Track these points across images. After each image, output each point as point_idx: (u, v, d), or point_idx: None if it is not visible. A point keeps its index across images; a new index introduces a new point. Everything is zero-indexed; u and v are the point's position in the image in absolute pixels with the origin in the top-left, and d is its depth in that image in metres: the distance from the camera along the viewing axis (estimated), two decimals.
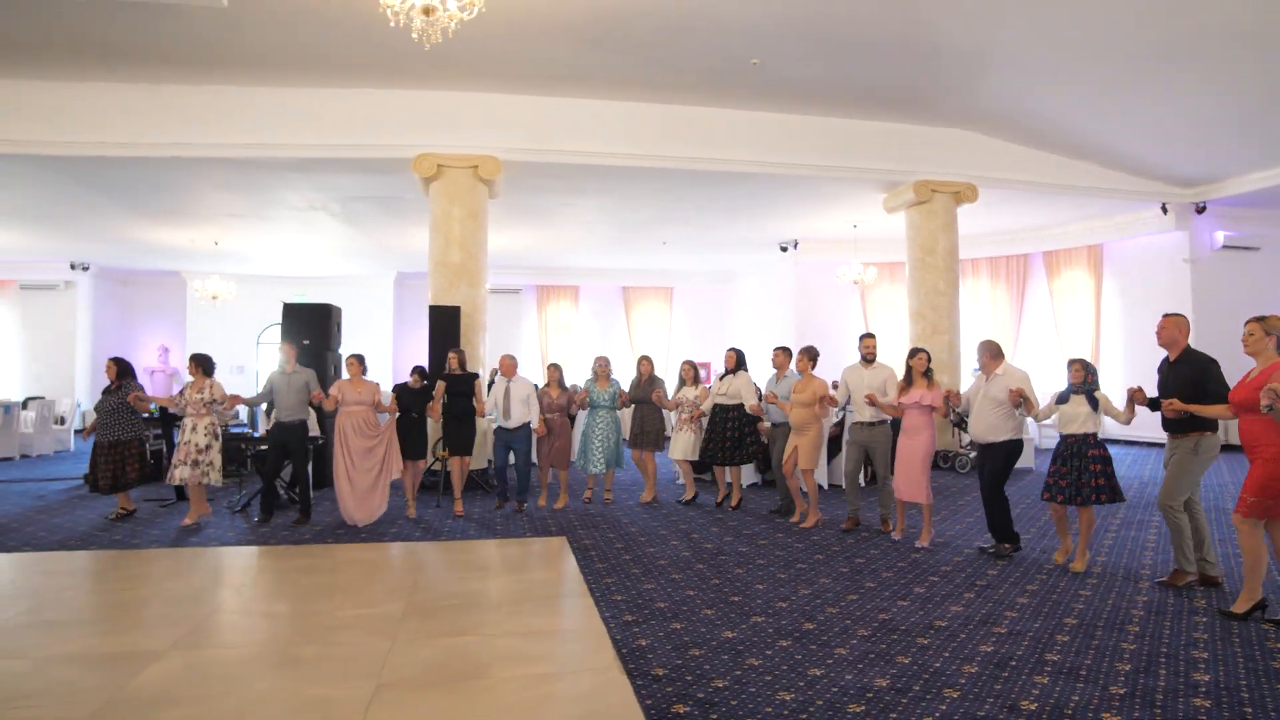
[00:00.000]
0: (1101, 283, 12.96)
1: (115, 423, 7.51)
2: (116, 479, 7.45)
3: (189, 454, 7.20)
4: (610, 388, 8.33)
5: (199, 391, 7.35)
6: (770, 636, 4.35)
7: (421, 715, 3.39)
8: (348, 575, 5.77)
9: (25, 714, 3.42)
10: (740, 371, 7.99)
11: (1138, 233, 12.46)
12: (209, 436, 7.31)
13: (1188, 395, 4.89)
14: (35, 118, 8.87)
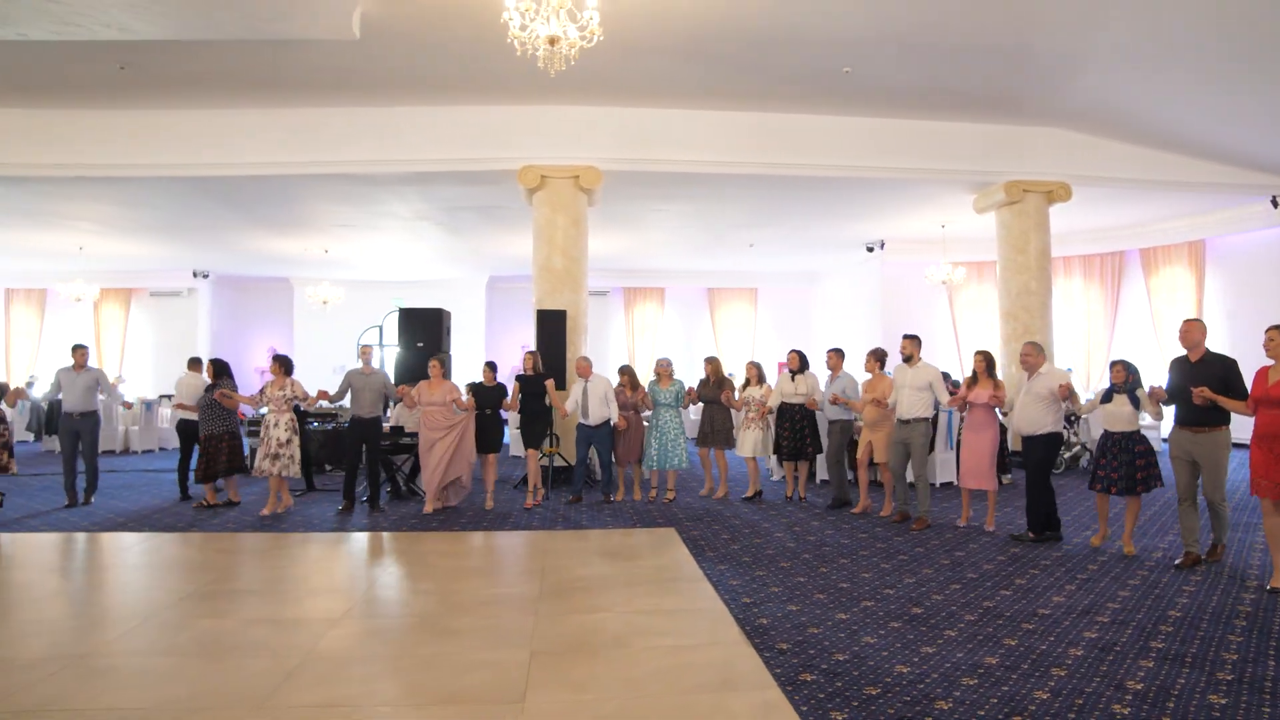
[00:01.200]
0: (1204, 280, 12.66)
1: (210, 418, 8.20)
2: (208, 469, 8.15)
3: (271, 448, 7.82)
4: (673, 387, 8.67)
5: (280, 389, 7.96)
6: (881, 618, 4.67)
7: (575, 677, 3.83)
8: (480, 559, 6.32)
9: (248, 664, 4.02)
10: (805, 371, 8.41)
11: (1245, 228, 12.14)
12: (289, 431, 7.88)
13: (1214, 390, 5.36)
14: (180, 143, 9.80)
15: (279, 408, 7.94)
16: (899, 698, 3.56)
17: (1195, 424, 5.57)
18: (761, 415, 8.55)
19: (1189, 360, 5.68)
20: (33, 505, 8.54)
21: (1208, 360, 5.59)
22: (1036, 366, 6.60)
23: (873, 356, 7.93)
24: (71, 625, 4.70)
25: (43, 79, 8.95)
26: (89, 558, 6.52)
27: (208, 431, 8.19)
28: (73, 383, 8.39)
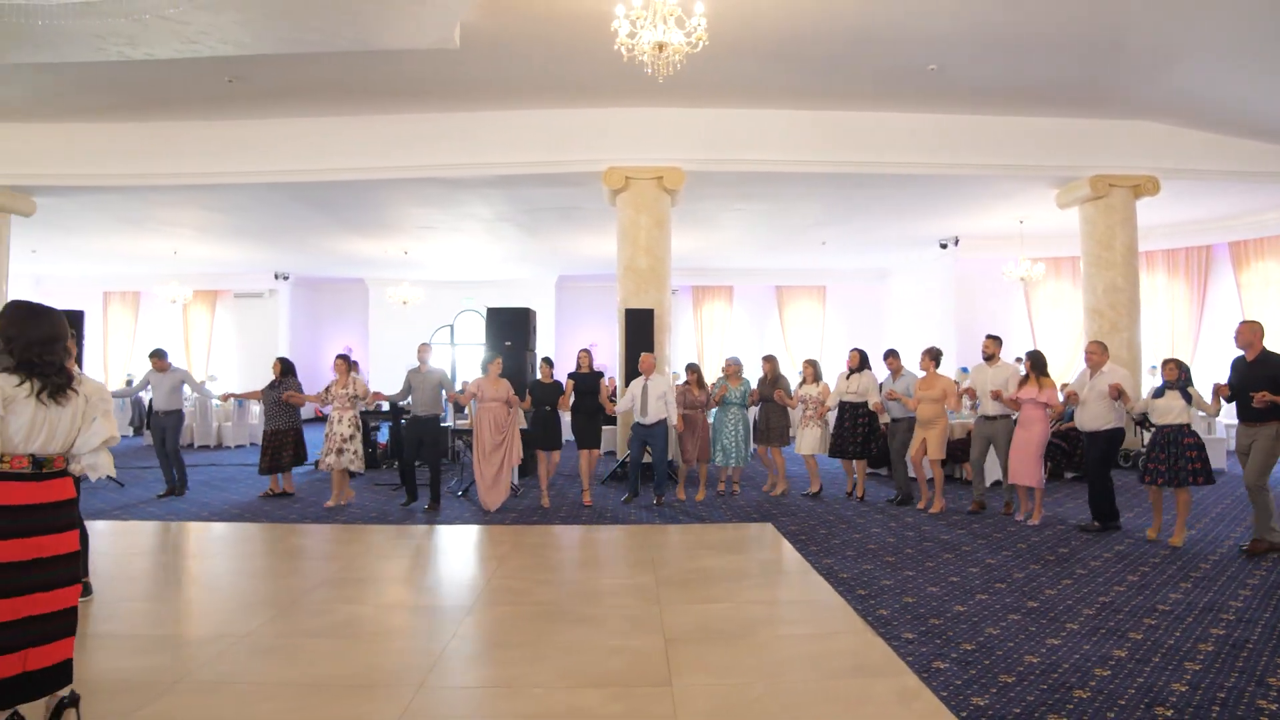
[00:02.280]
0: None
1: (276, 414, 8.66)
2: (274, 462, 8.61)
3: (336, 443, 8.17)
4: (741, 386, 8.79)
5: (344, 388, 8.33)
6: (998, 611, 4.74)
7: (714, 663, 4.00)
8: (588, 552, 6.54)
9: (398, 646, 4.29)
10: (864, 370, 8.53)
11: None
12: (353, 427, 8.28)
13: (1271, 390, 5.68)
14: (278, 151, 10.22)
15: (343, 405, 8.30)
16: (1035, 686, 3.65)
17: (1251, 418, 5.94)
18: (820, 415, 8.61)
19: (1245, 360, 6.05)
20: (133, 495, 9.08)
21: (1263, 359, 5.94)
22: (1100, 365, 6.89)
23: (927, 355, 8.06)
24: (224, 608, 5.02)
25: (155, 94, 9.42)
26: (218, 545, 6.90)
27: (273, 427, 8.65)
28: (159, 383, 9.00)
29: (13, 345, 3.00)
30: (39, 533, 2.97)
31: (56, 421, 3.03)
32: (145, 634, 4.41)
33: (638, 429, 8.40)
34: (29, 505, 2.96)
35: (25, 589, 2.89)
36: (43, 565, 2.95)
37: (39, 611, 2.92)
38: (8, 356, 3.00)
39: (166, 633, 4.50)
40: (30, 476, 2.98)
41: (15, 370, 2.99)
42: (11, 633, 2.85)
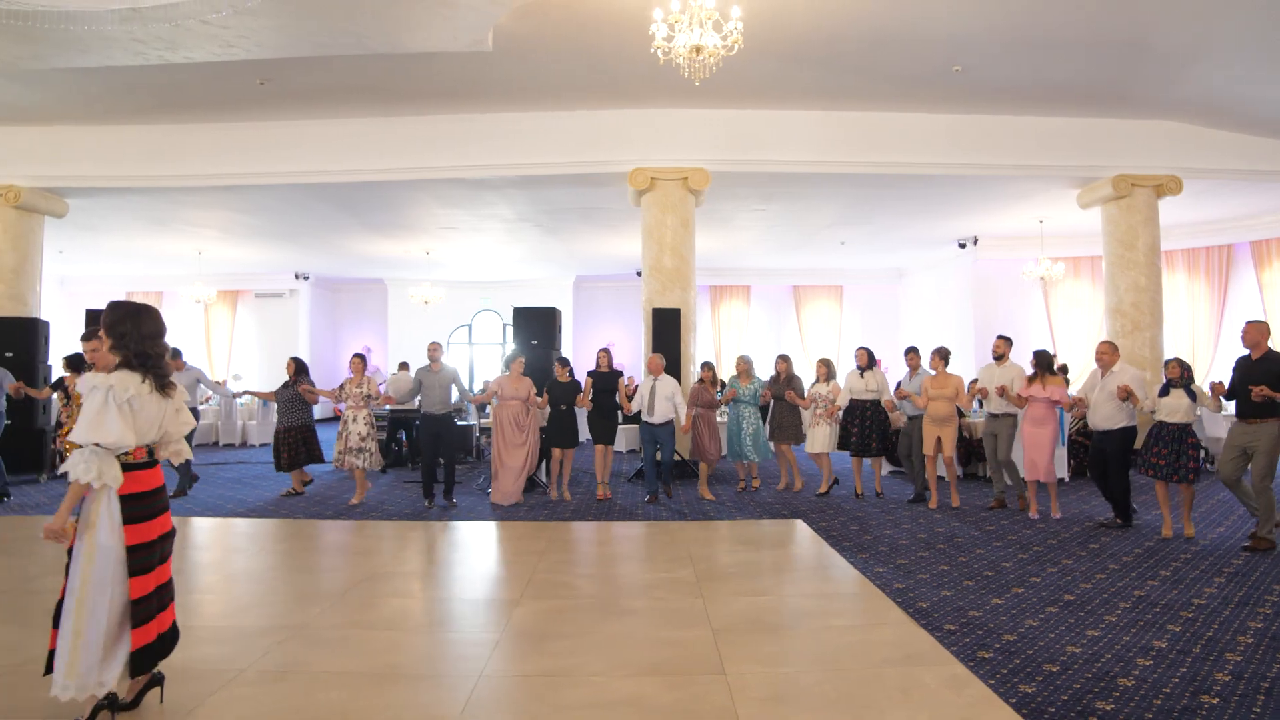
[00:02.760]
0: None
1: (290, 411, 8.79)
2: (292, 459, 8.76)
3: (354, 442, 8.32)
4: (752, 384, 8.90)
5: (358, 386, 8.46)
6: (1035, 604, 4.82)
7: (764, 653, 4.09)
8: (625, 547, 6.64)
9: (452, 637, 4.40)
10: (874, 368, 8.69)
11: None
12: (368, 426, 8.42)
13: (1272, 387, 5.89)
14: (307, 152, 10.39)
15: (357, 404, 8.43)
16: (1079, 674, 3.74)
17: (1251, 415, 6.11)
18: (830, 413, 8.71)
19: (1250, 358, 6.24)
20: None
21: (1267, 357, 6.14)
22: (1110, 365, 7.03)
23: (937, 355, 8.24)
24: (273, 600, 5.13)
25: (187, 96, 9.58)
26: (254, 541, 7.02)
27: (285, 424, 8.80)
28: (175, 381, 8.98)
29: (127, 341, 3.19)
30: (160, 513, 3.30)
31: (162, 413, 3.28)
32: (203, 625, 4.52)
33: (645, 428, 8.55)
34: (154, 490, 3.28)
35: (158, 562, 3.26)
36: (163, 540, 3.31)
37: (163, 580, 3.30)
38: (117, 353, 3.18)
39: (223, 624, 4.61)
40: (148, 465, 3.26)
41: (130, 368, 3.17)
42: (152, 601, 3.22)
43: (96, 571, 3.08)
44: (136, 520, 3.15)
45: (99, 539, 3.09)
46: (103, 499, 3.11)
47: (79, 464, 3.06)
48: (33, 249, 11.32)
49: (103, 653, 3.07)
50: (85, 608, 3.06)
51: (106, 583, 3.08)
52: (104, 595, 3.07)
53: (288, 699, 3.52)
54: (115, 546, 3.10)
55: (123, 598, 3.13)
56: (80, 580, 3.07)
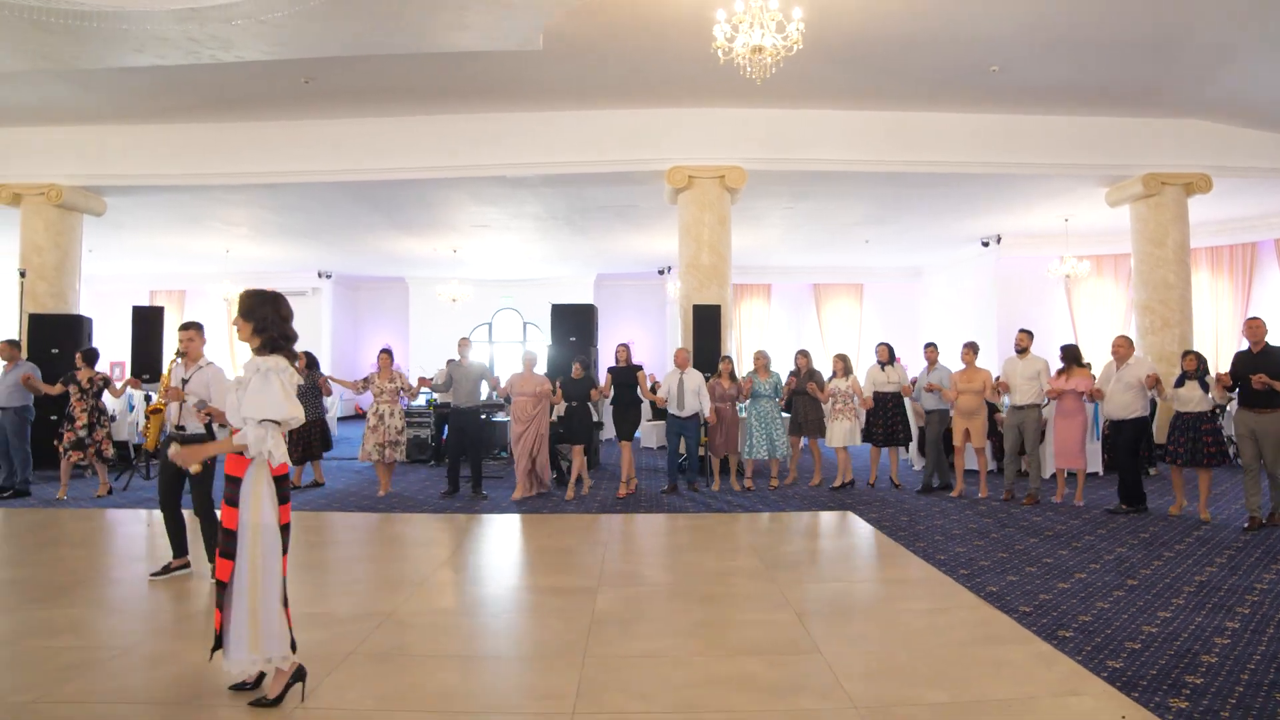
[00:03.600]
0: None
1: (305, 405, 8.90)
2: (305, 452, 8.93)
3: (391, 435, 8.48)
4: (770, 379, 9.01)
5: (390, 381, 8.56)
6: (1101, 588, 4.96)
7: (851, 634, 4.23)
8: (682, 538, 6.75)
9: (546, 622, 4.53)
10: (894, 362, 8.92)
11: None
12: (402, 420, 8.66)
13: (1272, 377, 6.35)
14: (346, 151, 10.49)
15: (392, 399, 8.56)
16: (1161, 652, 3.87)
17: (1256, 405, 6.56)
18: (864, 405, 8.88)
19: (1251, 352, 6.72)
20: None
21: (1266, 353, 6.63)
22: (1126, 357, 7.42)
23: (968, 349, 8.49)
24: (356, 589, 5.20)
25: (231, 95, 9.70)
26: (321, 533, 7.14)
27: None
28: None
29: (269, 325, 3.34)
30: (289, 499, 3.45)
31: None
32: (298, 611, 4.58)
33: (672, 421, 8.64)
34: (288, 474, 3.43)
35: (289, 547, 3.38)
36: (289, 528, 3.39)
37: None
38: (259, 337, 3.32)
39: (316, 610, 4.67)
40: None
41: (277, 350, 3.33)
42: (287, 580, 3.34)
43: (263, 550, 3.23)
44: (284, 501, 3.34)
45: (263, 519, 3.24)
46: (263, 480, 3.26)
47: (254, 437, 3.20)
48: (73, 247, 11.46)
49: (278, 624, 3.24)
50: (259, 585, 3.22)
51: (271, 560, 3.25)
52: (272, 572, 3.24)
53: (404, 678, 3.64)
54: (274, 525, 3.27)
55: (279, 575, 3.29)
56: (249, 560, 3.22)
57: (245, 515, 3.22)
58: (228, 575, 3.23)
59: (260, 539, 3.22)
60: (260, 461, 3.26)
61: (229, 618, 3.23)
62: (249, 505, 3.23)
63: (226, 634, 3.23)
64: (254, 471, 3.26)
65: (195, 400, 5.19)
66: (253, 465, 3.26)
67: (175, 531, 5.35)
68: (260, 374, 3.25)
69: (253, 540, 3.22)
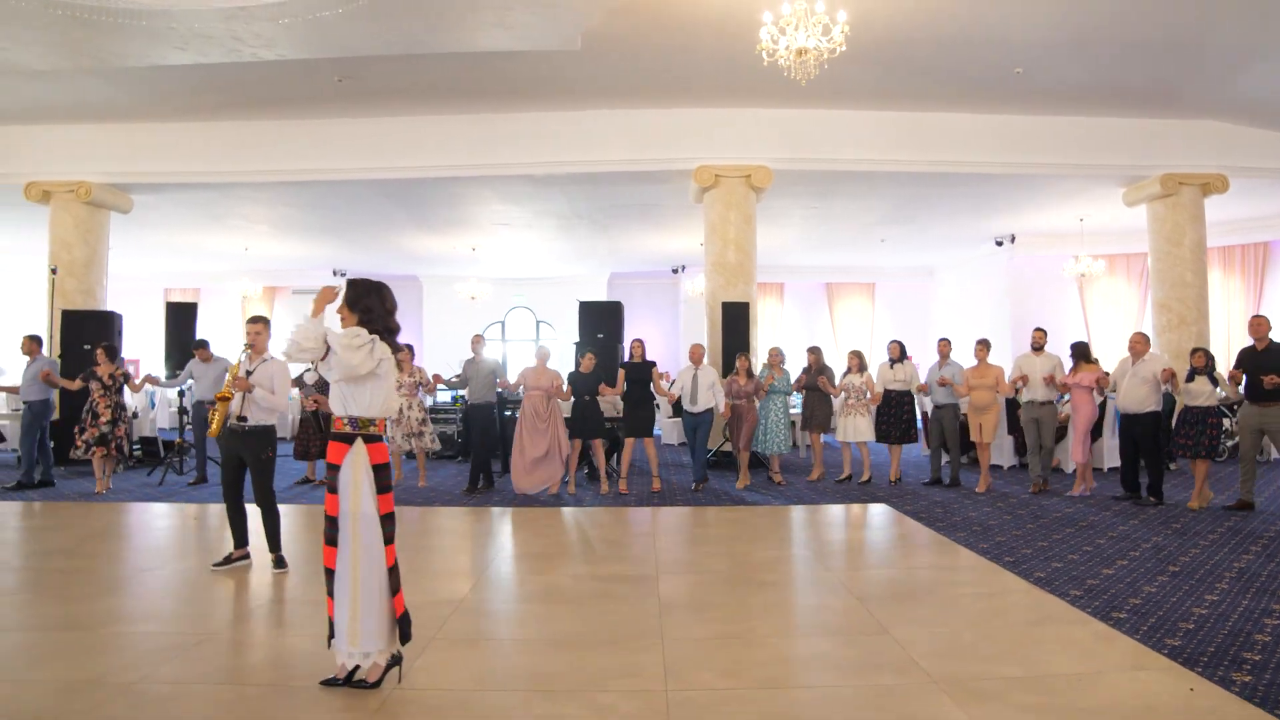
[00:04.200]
0: None
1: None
2: (309, 449, 9.05)
3: (413, 427, 8.69)
4: (785, 375, 9.14)
5: (410, 375, 8.71)
6: (1145, 574, 5.12)
7: (915, 616, 4.38)
8: (726, 529, 6.91)
9: (614, 608, 4.67)
10: (905, 360, 9.08)
11: None
12: (423, 412, 8.85)
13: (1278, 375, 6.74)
14: (377, 149, 10.62)
15: (410, 393, 8.72)
16: (1215, 631, 4.03)
17: (1262, 399, 6.89)
18: (874, 401, 9.00)
19: (1256, 349, 7.06)
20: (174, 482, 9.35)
21: (1270, 350, 6.96)
22: (1143, 354, 7.69)
23: (980, 345, 8.72)
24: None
25: (264, 93, 9.79)
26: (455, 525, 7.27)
27: (306, 414, 9.02)
28: (203, 373, 8.95)
29: (374, 316, 3.39)
30: (391, 488, 3.42)
31: (393, 387, 3.45)
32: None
33: (688, 417, 8.71)
34: (389, 464, 3.43)
35: (394, 536, 3.36)
36: (393, 517, 3.38)
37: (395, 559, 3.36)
38: (364, 328, 3.36)
39: None
40: (383, 439, 3.42)
41: (381, 339, 3.36)
42: (399, 571, 3.35)
43: (364, 539, 3.26)
44: (384, 490, 3.33)
45: (362, 507, 3.27)
46: (361, 467, 3.29)
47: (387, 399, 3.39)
48: (100, 244, 11.57)
49: (377, 618, 3.25)
50: (359, 575, 3.25)
51: (372, 550, 3.26)
52: (374, 562, 3.26)
53: (493, 661, 3.76)
54: (374, 514, 3.28)
55: (383, 565, 3.29)
56: (350, 549, 3.26)
57: (345, 503, 3.26)
58: (332, 562, 3.30)
59: (360, 527, 3.25)
60: (359, 451, 3.30)
61: (337, 605, 3.30)
62: (348, 494, 3.27)
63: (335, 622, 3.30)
64: (351, 459, 3.29)
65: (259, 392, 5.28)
66: (350, 453, 3.30)
67: (237, 522, 5.43)
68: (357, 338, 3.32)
69: (353, 529, 3.25)
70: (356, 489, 3.27)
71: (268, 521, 5.34)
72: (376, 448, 3.34)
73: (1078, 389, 8.06)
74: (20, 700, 3.23)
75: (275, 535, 5.36)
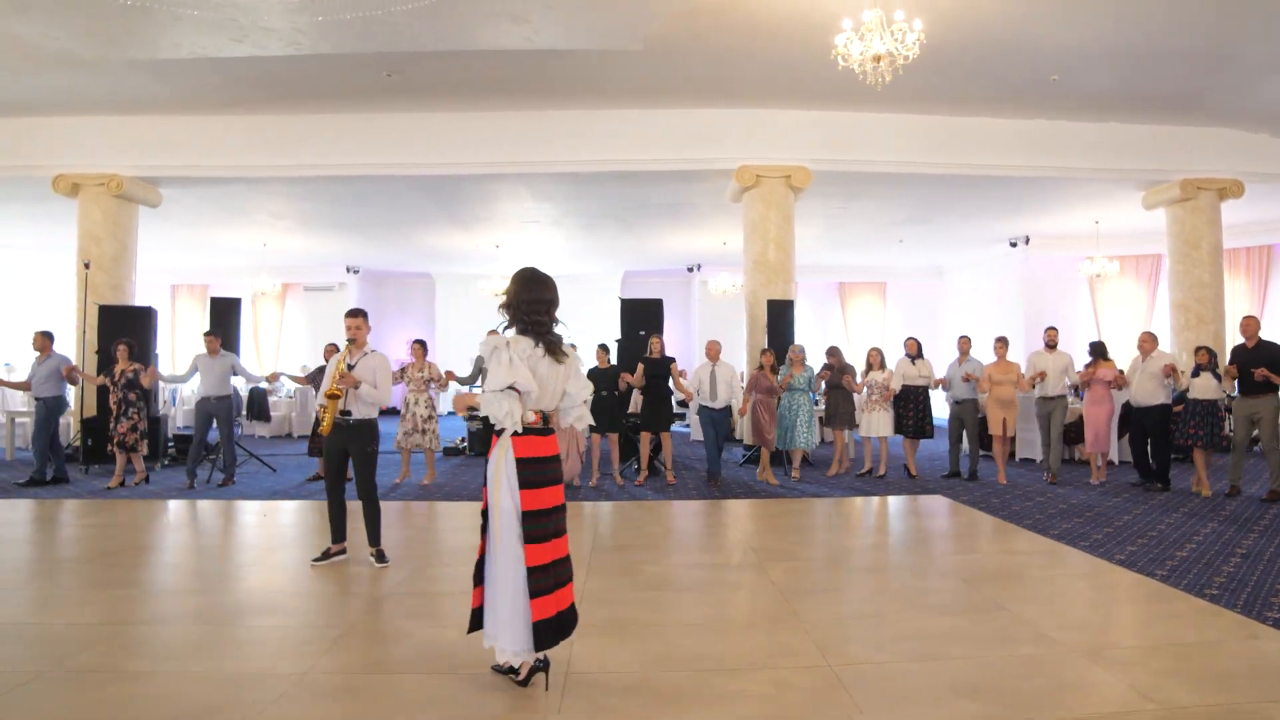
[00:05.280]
0: None
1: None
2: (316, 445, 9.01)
3: (418, 424, 8.64)
4: (805, 373, 9.32)
5: (420, 371, 8.80)
6: (1217, 556, 5.37)
7: (1022, 595, 4.61)
8: (794, 520, 7.09)
9: (733, 594, 4.83)
10: (923, 357, 9.37)
11: None
12: (429, 409, 8.77)
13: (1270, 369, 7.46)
14: (418, 145, 10.71)
15: (419, 388, 8.75)
16: None
17: (1253, 392, 7.63)
18: (886, 398, 9.25)
19: (1246, 347, 7.79)
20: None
21: (1260, 347, 7.69)
22: (1150, 351, 8.31)
23: (1000, 343, 9.09)
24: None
25: (307, 88, 9.82)
26: (436, 520, 7.38)
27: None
28: (209, 368, 8.81)
29: (511, 307, 3.41)
30: (553, 483, 3.34)
31: (555, 379, 3.37)
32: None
33: (705, 412, 8.76)
34: (548, 458, 3.34)
35: (552, 534, 3.29)
36: (556, 512, 3.34)
37: (559, 555, 3.32)
38: (510, 319, 3.41)
39: None
40: (543, 432, 3.34)
41: (522, 332, 3.37)
42: (549, 574, 3.24)
43: (501, 532, 3.23)
44: (531, 485, 3.23)
45: (500, 500, 3.24)
46: (502, 460, 3.25)
47: (494, 404, 3.25)
48: (130, 238, 11.53)
49: (510, 615, 3.21)
50: (496, 567, 3.25)
51: (506, 544, 3.22)
52: (506, 556, 3.22)
53: (648, 645, 3.80)
54: (511, 509, 3.22)
55: (520, 563, 3.21)
56: (494, 542, 3.28)
57: (490, 495, 3.30)
58: (481, 552, 3.37)
59: (499, 521, 3.24)
60: (503, 444, 3.27)
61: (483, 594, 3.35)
62: (491, 486, 3.27)
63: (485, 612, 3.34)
64: (496, 453, 3.28)
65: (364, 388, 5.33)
66: (496, 447, 3.32)
67: (337, 516, 5.44)
68: (493, 353, 3.28)
69: (495, 522, 3.25)
70: (496, 482, 3.26)
71: (369, 514, 5.40)
72: (527, 441, 3.27)
73: (1098, 384, 8.55)
74: (192, 693, 3.24)
75: (376, 529, 5.41)
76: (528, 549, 3.20)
